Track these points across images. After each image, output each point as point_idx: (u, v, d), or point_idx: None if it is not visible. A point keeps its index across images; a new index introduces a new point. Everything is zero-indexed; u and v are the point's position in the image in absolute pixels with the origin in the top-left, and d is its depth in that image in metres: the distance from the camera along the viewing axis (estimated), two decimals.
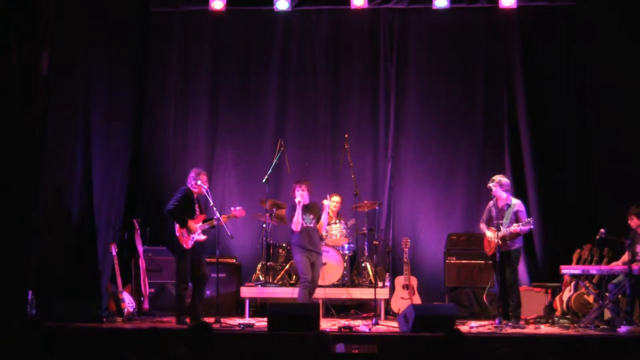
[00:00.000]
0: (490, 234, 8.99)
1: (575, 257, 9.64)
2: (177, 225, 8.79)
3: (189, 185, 8.98)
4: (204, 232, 8.94)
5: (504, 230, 8.80)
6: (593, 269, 9.11)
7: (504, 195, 8.99)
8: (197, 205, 9.01)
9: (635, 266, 8.68)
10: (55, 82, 8.95)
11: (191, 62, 11.36)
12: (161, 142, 11.26)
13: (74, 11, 9.35)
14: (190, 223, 8.82)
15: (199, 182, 8.92)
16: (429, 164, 11.13)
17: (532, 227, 8.88)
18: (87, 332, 8.23)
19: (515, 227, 8.75)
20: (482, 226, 9.19)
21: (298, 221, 8.93)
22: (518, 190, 10.26)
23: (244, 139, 11.28)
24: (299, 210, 8.94)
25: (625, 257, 8.98)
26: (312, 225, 9.04)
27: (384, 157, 11.17)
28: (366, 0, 10.98)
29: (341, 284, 9.96)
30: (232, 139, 11.30)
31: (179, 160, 11.23)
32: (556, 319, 9.19)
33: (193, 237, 8.82)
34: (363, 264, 10.26)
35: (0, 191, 8.00)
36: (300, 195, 8.94)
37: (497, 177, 9.05)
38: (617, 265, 9.03)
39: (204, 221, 8.96)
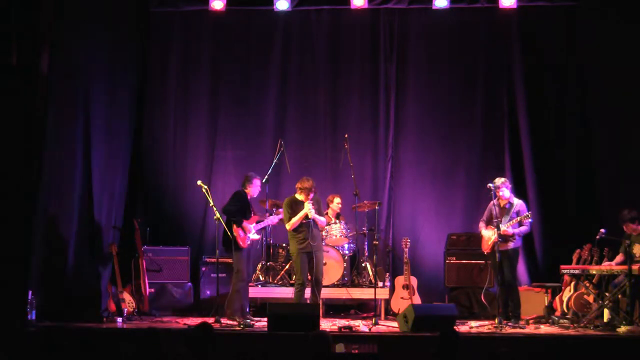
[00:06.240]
0: (487, 232, 9.04)
1: (575, 257, 9.64)
2: (234, 226, 9.08)
3: (244, 189, 9.37)
4: (257, 231, 9.38)
5: (503, 228, 8.85)
6: (593, 269, 9.11)
7: (508, 194, 9.08)
8: (251, 207, 9.41)
9: (635, 266, 8.68)
10: (55, 82, 8.95)
11: (191, 62, 11.36)
12: (161, 142, 11.26)
13: (73, 11, 9.35)
14: (245, 223, 9.17)
15: (248, 188, 9.34)
16: (429, 164, 11.13)
17: (531, 220, 9.09)
18: (87, 332, 8.24)
19: (512, 224, 8.85)
20: (481, 225, 9.25)
21: (295, 224, 8.97)
22: (518, 190, 10.25)
23: (244, 139, 11.28)
24: (301, 216, 8.96)
25: (619, 258, 9.01)
26: (311, 220, 9.06)
27: (384, 157, 11.16)
28: (366, 0, 10.97)
29: (341, 284, 9.96)
30: (232, 139, 11.30)
31: (179, 160, 11.24)
32: (556, 319, 9.19)
33: (249, 237, 9.18)
34: (363, 264, 10.26)
35: (0, 191, 7.99)
36: (310, 210, 8.97)
37: (502, 179, 9.18)
38: (611, 266, 9.03)
39: (257, 222, 9.39)
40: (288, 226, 9.04)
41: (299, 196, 9.07)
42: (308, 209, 8.92)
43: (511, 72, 11.01)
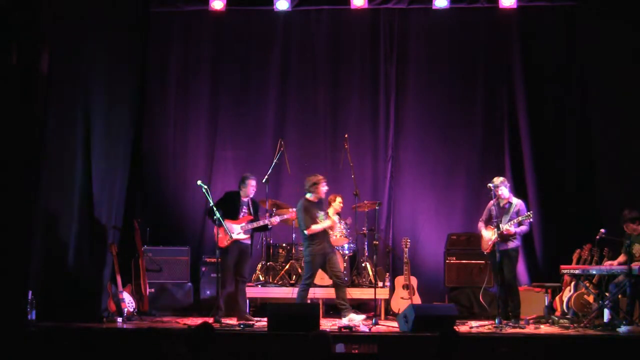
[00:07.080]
0: (487, 232, 9.05)
1: (575, 257, 9.64)
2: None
3: (238, 190, 9.35)
4: (247, 232, 9.23)
5: (503, 227, 8.86)
6: (593, 269, 9.11)
7: (507, 193, 9.07)
8: (244, 208, 9.31)
9: (635, 266, 8.68)
10: (55, 82, 8.95)
11: (191, 62, 11.36)
12: (161, 142, 11.27)
13: (73, 11, 9.35)
14: (227, 223, 9.05)
15: (241, 189, 9.31)
16: (429, 164, 11.13)
17: (531, 220, 9.08)
18: (87, 332, 8.23)
19: (513, 224, 8.84)
20: (480, 225, 9.27)
21: (315, 231, 8.99)
22: (518, 190, 10.26)
23: (244, 139, 11.29)
24: (324, 226, 9.06)
25: (621, 258, 9.00)
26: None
27: (384, 157, 11.17)
28: (366, 0, 10.99)
29: None
30: (232, 139, 11.30)
31: (179, 160, 11.24)
32: (556, 319, 9.19)
33: (231, 237, 9.05)
34: (363, 264, 10.26)
35: (0, 191, 7.99)
36: (335, 222, 9.21)
37: (500, 178, 9.14)
38: (613, 266, 9.03)
39: (249, 222, 9.25)
40: (307, 231, 9.03)
41: (310, 196, 9.09)
42: (334, 220, 9.18)
43: (511, 72, 11.01)
